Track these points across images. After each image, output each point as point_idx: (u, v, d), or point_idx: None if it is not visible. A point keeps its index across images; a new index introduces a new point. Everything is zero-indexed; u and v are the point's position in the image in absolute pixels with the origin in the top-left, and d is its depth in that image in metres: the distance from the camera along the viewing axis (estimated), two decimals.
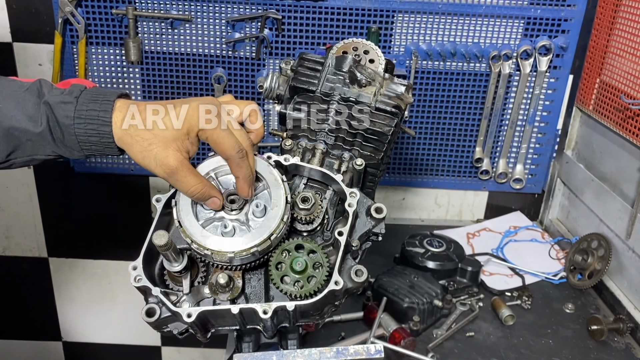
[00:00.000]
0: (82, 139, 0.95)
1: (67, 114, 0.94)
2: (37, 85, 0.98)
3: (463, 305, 1.72)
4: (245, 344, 1.09)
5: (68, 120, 0.94)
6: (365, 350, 0.98)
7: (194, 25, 1.95)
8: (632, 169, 1.74)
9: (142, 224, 1.04)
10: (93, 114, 0.94)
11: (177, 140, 0.92)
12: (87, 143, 0.96)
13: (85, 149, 0.97)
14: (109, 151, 0.98)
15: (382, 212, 1.00)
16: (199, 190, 0.92)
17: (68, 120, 0.94)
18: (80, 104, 0.95)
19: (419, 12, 1.93)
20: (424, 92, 2.05)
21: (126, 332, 2.61)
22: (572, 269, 1.90)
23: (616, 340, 1.64)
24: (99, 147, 0.97)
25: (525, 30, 1.97)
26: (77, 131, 0.95)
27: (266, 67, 2.01)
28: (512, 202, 2.29)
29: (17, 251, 2.42)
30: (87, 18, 1.93)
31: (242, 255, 0.89)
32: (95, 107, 0.95)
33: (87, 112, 0.94)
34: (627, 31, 1.74)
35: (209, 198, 0.93)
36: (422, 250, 1.78)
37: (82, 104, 0.95)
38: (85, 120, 0.94)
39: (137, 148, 0.93)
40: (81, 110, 0.95)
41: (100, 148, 0.97)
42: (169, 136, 0.92)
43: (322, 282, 0.92)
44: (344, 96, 1.13)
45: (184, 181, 0.91)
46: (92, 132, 0.95)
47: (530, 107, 2.07)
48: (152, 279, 0.93)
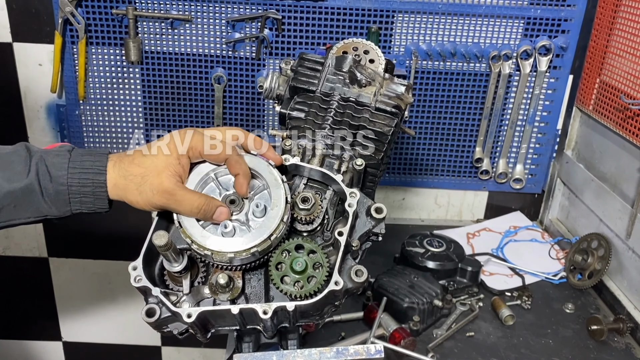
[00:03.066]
0: (73, 189, 0.95)
1: (61, 165, 0.95)
2: (22, 146, 0.98)
3: (463, 305, 1.72)
4: (245, 344, 1.09)
5: (61, 170, 0.95)
6: (365, 350, 0.98)
7: (194, 25, 1.95)
8: (632, 169, 1.74)
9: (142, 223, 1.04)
10: (87, 164, 0.96)
11: (169, 167, 0.93)
12: (78, 195, 0.96)
13: (74, 202, 0.97)
14: (99, 204, 0.98)
15: (382, 212, 1.00)
16: (203, 205, 0.91)
17: (61, 171, 0.95)
18: (74, 156, 0.97)
19: (419, 12, 1.93)
20: (424, 92, 2.05)
21: (126, 332, 2.61)
22: (572, 269, 1.90)
23: (616, 340, 1.64)
24: (89, 200, 0.97)
25: (525, 30, 1.97)
26: (71, 181, 0.95)
27: (266, 67, 2.01)
28: (512, 202, 2.29)
29: (17, 251, 2.42)
30: (87, 18, 1.93)
31: (242, 255, 0.89)
32: (90, 158, 0.97)
33: (82, 162, 0.96)
34: (627, 31, 1.74)
35: (215, 209, 0.92)
36: (422, 250, 1.78)
37: (76, 157, 0.97)
38: (79, 170, 0.95)
39: (132, 187, 0.94)
40: (75, 161, 0.96)
41: (90, 200, 0.97)
42: (160, 165, 0.93)
43: (322, 282, 0.92)
44: (344, 96, 1.13)
45: (185, 200, 0.91)
46: (86, 182, 0.95)
47: (530, 107, 2.07)
48: (152, 279, 0.93)
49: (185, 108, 2.08)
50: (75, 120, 2.09)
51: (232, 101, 2.07)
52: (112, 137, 2.13)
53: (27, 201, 0.95)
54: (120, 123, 2.11)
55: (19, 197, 0.94)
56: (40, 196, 0.95)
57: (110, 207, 1.00)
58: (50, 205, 0.96)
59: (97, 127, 2.11)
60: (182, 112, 2.08)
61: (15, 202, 0.94)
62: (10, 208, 0.95)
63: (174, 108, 2.08)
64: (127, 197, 0.96)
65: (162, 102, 2.07)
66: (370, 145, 1.10)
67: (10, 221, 0.97)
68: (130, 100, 2.07)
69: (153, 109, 2.08)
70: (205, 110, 2.08)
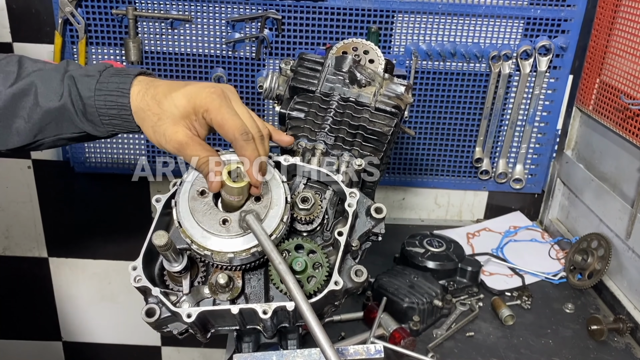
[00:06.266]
0: (102, 111, 0.97)
1: (89, 87, 0.97)
2: (64, 64, 1.01)
3: (463, 305, 1.72)
4: (245, 344, 1.09)
5: (89, 92, 0.97)
6: (365, 350, 0.98)
7: (194, 25, 1.95)
8: (632, 169, 1.74)
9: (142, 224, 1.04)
10: (112, 87, 0.96)
11: (186, 119, 0.93)
12: (107, 116, 0.98)
13: (106, 124, 0.99)
14: (128, 125, 0.99)
15: (382, 212, 1.00)
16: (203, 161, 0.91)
17: (89, 92, 0.97)
18: (103, 77, 0.98)
19: (419, 12, 1.93)
20: (424, 92, 2.05)
21: (126, 332, 2.61)
22: (572, 269, 1.90)
23: (616, 340, 1.64)
24: (118, 122, 0.99)
25: (525, 30, 1.97)
26: (97, 103, 0.97)
27: (266, 67, 2.01)
28: (512, 202, 2.29)
29: (17, 251, 2.42)
30: (87, 18, 1.93)
31: (242, 255, 0.89)
32: (116, 80, 0.97)
33: (108, 84, 0.97)
34: (627, 31, 1.74)
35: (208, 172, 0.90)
36: (422, 250, 1.78)
37: (105, 77, 0.98)
38: (105, 92, 0.96)
39: (148, 123, 0.95)
40: (103, 82, 0.97)
41: (120, 122, 0.99)
42: (177, 114, 0.93)
43: (321, 282, 0.92)
44: (344, 96, 1.13)
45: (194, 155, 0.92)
46: (111, 105, 0.97)
47: (530, 107, 2.07)
48: (152, 279, 0.93)
49: None
50: None
51: None
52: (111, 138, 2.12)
53: (66, 119, 0.99)
54: None
55: (57, 116, 0.98)
56: (76, 115, 0.98)
57: None
58: (86, 124, 1.00)
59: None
60: None
61: (55, 120, 0.98)
62: (53, 125, 0.99)
63: None
64: (143, 128, 0.97)
65: None
66: (370, 145, 1.10)
67: (57, 135, 1.01)
68: None
69: None
70: None
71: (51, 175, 2.26)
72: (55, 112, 0.97)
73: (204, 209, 0.92)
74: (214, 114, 0.92)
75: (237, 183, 0.89)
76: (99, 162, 2.17)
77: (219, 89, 0.94)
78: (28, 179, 2.27)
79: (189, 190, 0.93)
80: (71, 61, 1.03)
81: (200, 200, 0.92)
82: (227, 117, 0.91)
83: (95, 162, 2.17)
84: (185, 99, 0.93)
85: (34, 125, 0.99)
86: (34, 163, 2.23)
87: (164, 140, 0.94)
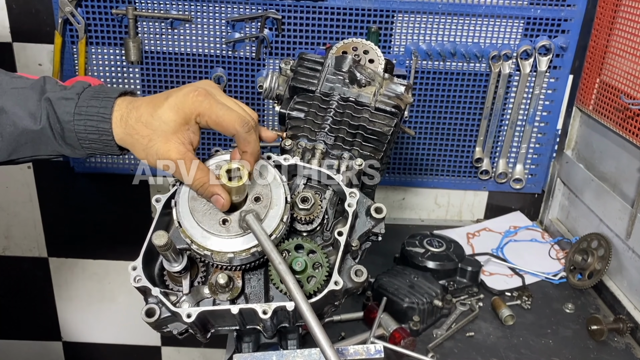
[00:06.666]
0: (81, 136, 0.94)
1: (67, 110, 0.93)
2: (40, 82, 0.97)
3: (463, 305, 1.72)
4: (245, 344, 1.09)
5: (68, 116, 0.93)
6: (365, 350, 0.98)
7: (194, 25, 1.95)
8: (632, 169, 1.74)
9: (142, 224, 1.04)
10: (92, 111, 0.93)
11: (178, 132, 0.90)
12: (87, 141, 0.94)
13: (86, 147, 0.96)
14: (109, 150, 0.96)
15: (381, 212, 1.00)
16: (202, 183, 0.90)
17: (68, 117, 0.93)
18: (82, 100, 0.94)
19: (419, 12, 1.93)
20: (424, 92, 2.05)
21: (126, 332, 2.61)
22: (572, 269, 1.90)
23: (616, 340, 1.64)
24: (98, 145, 0.95)
25: (525, 30, 1.97)
26: (77, 128, 0.93)
27: (266, 67, 2.01)
28: (512, 202, 2.29)
29: (17, 251, 2.42)
30: (87, 18, 1.93)
31: (241, 255, 0.89)
32: (96, 103, 0.93)
33: (87, 108, 0.93)
34: (627, 31, 1.73)
35: (212, 195, 0.90)
36: (422, 250, 1.78)
37: (84, 101, 0.94)
38: (85, 117, 0.93)
39: (139, 147, 0.92)
40: (82, 106, 0.93)
41: (100, 146, 0.96)
42: (168, 130, 0.90)
43: (321, 282, 0.92)
44: (344, 96, 1.13)
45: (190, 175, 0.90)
46: (92, 130, 0.93)
47: (530, 107, 2.07)
48: (152, 279, 0.93)
49: None
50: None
51: None
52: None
53: (43, 141, 0.95)
54: None
55: (35, 137, 0.95)
56: (54, 139, 0.95)
57: (123, 153, 0.98)
58: (65, 147, 0.96)
59: None
60: None
61: (32, 141, 0.95)
62: (29, 145, 0.96)
63: None
64: (134, 152, 0.94)
65: None
66: (370, 145, 1.10)
67: (33, 156, 0.99)
68: None
69: None
70: None
71: (51, 175, 2.26)
72: (33, 134, 0.94)
73: (204, 209, 0.92)
74: (207, 115, 0.90)
75: (237, 182, 0.89)
76: (99, 162, 2.17)
77: (201, 89, 0.92)
78: (28, 179, 2.27)
79: (189, 191, 0.93)
80: (48, 78, 0.99)
81: (200, 200, 0.92)
82: (222, 114, 0.90)
83: (95, 162, 2.17)
84: (173, 112, 0.90)
85: (9, 145, 0.96)
86: (34, 163, 2.23)
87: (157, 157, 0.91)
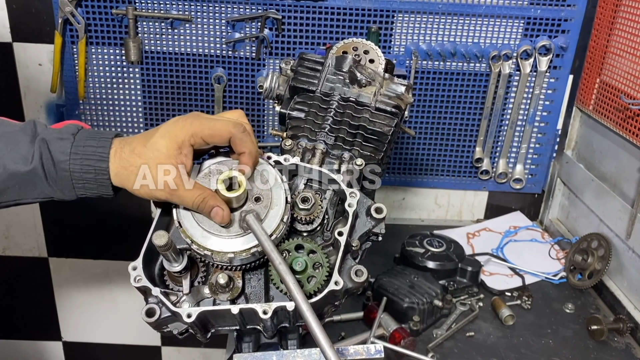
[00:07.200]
0: (76, 176, 0.93)
1: (63, 150, 0.93)
2: (30, 124, 0.96)
3: (463, 305, 1.72)
4: (245, 344, 1.09)
5: (63, 156, 0.93)
6: (365, 350, 0.98)
7: (194, 25, 1.95)
8: (632, 169, 1.74)
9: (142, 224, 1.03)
10: (90, 150, 0.93)
11: (171, 158, 0.91)
12: (81, 181, 0.94)
13: (78, 188, 0.95)
14: (103, 190, 0.96)
15: (382, 212, 1.00)
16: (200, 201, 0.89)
17: (63, 156, 0.93)
18: (78, 140, 0.94)
19: (419, 12, 1.93)
20: (424, 92, 2.05)
21: (126, 332, 2.61)
22: (572, 269, 1.90)
23: (616, 340, 1.64)
24: (92, 186, 0.95)
25: (525, 30, 1.97)
26: (73, 167, 0.93)
27: (266, 67, 2.01)
28: (512, 202, 2.29)
29: (17, 251, 2.42)
30: (87, 18, 1.93)
31: (242, 255, 0.89)
32: (93, 143, 0.94)
33: (84, 147, 0.93)
34: (627, 31, 1.74)
35: (211, 208, 0.90)
36: (422, 250, 1.78)
37: (80, 140, 0.94)
38: (82, 156, 0.93)
39: (133, 177, 0.92)
40: (78, 146, 0.93)
41: (94, 187, 0.95)
42: (161, 156, 0.91)
43: (322, 282, 0.92)
44: (344, 96, 1.13)
45: (187, 196, 0.90)
46: (88, 169, 0.93)
47: (530, 107, 2.07)
48: (152, 279, 0.93)
49: (185, 108, 2.08)
50: (75, 120, 2.09)
51: (232, 101, 2.07)
52: None
53: (32, 183, 0.94)
54: (120, 123, 2.11)
55: (23, 180, 0.93)
56: (45, 180, 0.94)
57: (116, 193, 0.98)
58: (55, 189, 0.95)
59: (96, 127, 2.11)
60: (182, 112, 2.08)
61: (20, 183, 0.94)
62: (16, 189, 0.94)
63: (173, 108, 2.08)
64: (129, 188, 0.94)
65: (162, 102, 2.07)
66: (370, 145, 1.10)
67: (17, 201, 0.97)
68: (130, 100, 2.07)
69: (153, 109, 2.08)
70: (205, 111, 2.08)
71: None
72: (22, 176, 0.93)
73: None
74: (200, 130, 0.91)
75: (235, 192, 0.89)
76: None
77: (189, 116, 0.93)
78: None
79: None
80: (37, 121, 0.98)
81: None
82: (213, 124, 0.91)
83: None
84: (165, 139, 0.91)
85: None
86: None
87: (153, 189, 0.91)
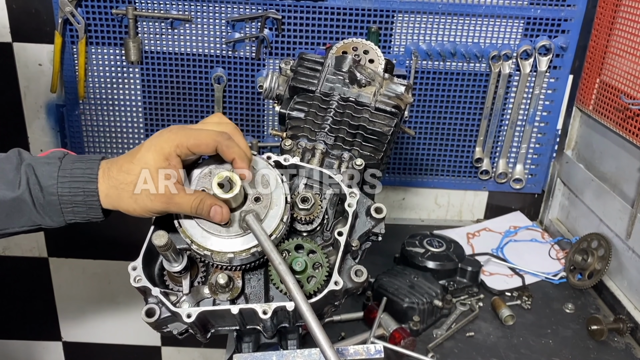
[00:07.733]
0: (64, 199, 0.92)
1: (50, 174, 0.92)
2: (15, 152, 0.95)
3: (463, 305, 1.72)
4: (245, 344, 1.09)
5: (51, 179, 0.91)
6: (365, 350, 0.98)
7: (194, 25, 1.95)
8: (632, 169, 1.74)
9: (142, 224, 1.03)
10: (78, 172, 0.92)
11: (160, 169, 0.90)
12: (70, 204, 0.93)
13: (67, 213, 0.94)
14: (92, 213, 0.95)
15: (381, 212, 1.00)
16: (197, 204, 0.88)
17: (51, 180, 0.91)
18: (65, 163, 0.93)
19: (419, 12, 1.93)
20: (424, 92, 2.05)
21: (126, 332, 2.61)
22: (572, 269, 1.90)
23: (616, 340, 1.64)
24: (82, 209, 0.94)
25: (525, 30, 1.97)
26: (61, 191, 0.92)
27: (266, 67, 2.01)
28: (512, 202, 2.29)
29: (17, 251, 2.42)
30: (87, 18, 1.93)
31: (241, 255, 0.89)
32: (80, 165, 0.93)
33: (72, 170, 0.92)
34: (627, 31, 1.73)
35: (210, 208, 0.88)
36: (422, 250, 1.78)
37: (67, 164, 0.93)
38: (70, 179, 0.92)
39: (125, 195, 0.91)
40: (65, 169, 0.92)
41: (83, 210, 0.94)
42: (150, 169, 0.89)
43: (321, 282, 0.92)
44: (344, 96, 1.13)
45: (184, 202, 0.89)
46: (77, 191, 0.92)
47: (530, 107, 2.07)
48: (152, 279, 0.93)
49: (185, 108, 2.08)
50: (75, 120, 2.09)
51: (232, 101, 2.07)
52: (111, 137, 2.13)
53: (19, 211, 0.92)
54: (120, 123, 2.11)
55: (10, 207, 0.91)
56: (32, 207, 0.92)
57: (106, 217, 0.97)
58: (43, 216, 0.93)
59: (96, 127, 2.11)
60: (182, 112, 2.09)
61: (6, 211, 0.92)
62: (2, 217, 0.92)
63: (173, 108, 2.08)
64: (122, 207, 0.93)
65: (162, 102, 2.07)
66: (370, 145, 1.10)
67: (3, 230, 0.94)
68: (130, 100, 2.07)
69: (153, 109, 2.08)
70: (205, 111, 2.08)
71: None
72: (9, 204, 0.91)
73: None
74: (185, 140, 0.89)
75: (232, 191, 0.88)
76: None
77: (172, 128, 0.92)
78: None
79: None
80: (21, 150, 0.96)
81: None
82: (198, 134, 0.89)
83: None
84: (151, 152, 0.90)
85: None
86: None
87: (148, 201, 0.89)
